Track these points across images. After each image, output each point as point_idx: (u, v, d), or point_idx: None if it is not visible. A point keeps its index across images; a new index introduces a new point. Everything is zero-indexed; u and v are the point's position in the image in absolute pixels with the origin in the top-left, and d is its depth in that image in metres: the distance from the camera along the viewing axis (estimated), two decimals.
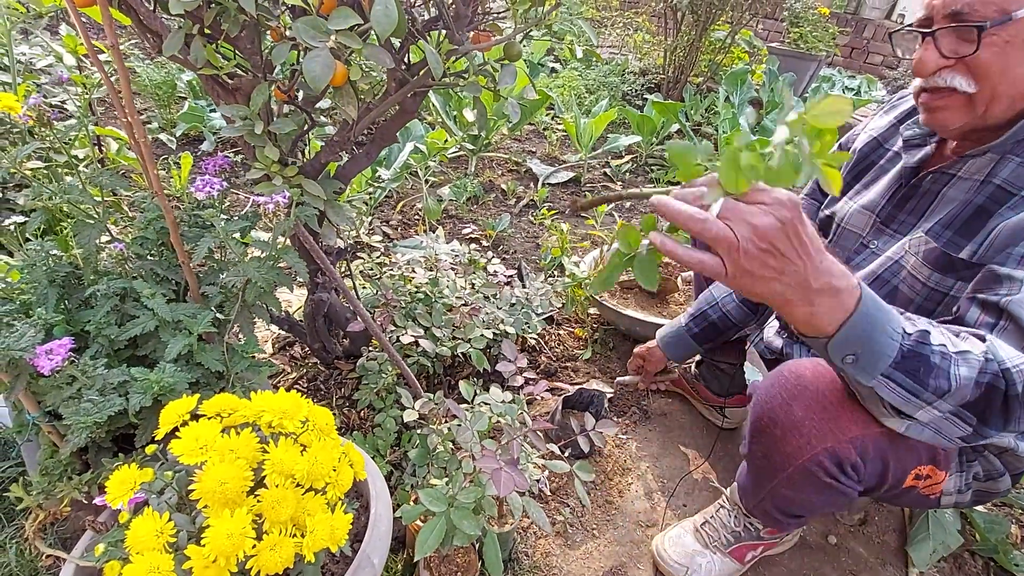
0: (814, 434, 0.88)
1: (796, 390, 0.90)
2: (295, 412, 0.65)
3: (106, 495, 0.61)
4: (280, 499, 0.58)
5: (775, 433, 0.92)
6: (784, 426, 0.90)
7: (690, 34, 3.72)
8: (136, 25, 0.87)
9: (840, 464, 0.88)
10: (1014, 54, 0.78)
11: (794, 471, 0.92)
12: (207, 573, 0.54)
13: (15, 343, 0.69)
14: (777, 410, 0.91)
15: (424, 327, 1.42)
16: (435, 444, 1.01)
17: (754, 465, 1.01)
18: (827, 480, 0.90)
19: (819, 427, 0.87)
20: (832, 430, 0.87)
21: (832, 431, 0.87)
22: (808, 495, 0.95)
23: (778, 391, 0.92)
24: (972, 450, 0.97)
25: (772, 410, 0.92)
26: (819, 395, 0.88)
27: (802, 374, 0.91)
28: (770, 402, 0.93)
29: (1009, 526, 1.37)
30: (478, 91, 0.96)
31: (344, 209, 1.09)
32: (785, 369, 0.94)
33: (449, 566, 1.03)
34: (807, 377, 0.90)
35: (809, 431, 0.88)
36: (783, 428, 0.91)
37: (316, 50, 0.70)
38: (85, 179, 0.93)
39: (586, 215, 2.66)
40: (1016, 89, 0.81)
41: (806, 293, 0.65)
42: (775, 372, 0.95)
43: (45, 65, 2.25)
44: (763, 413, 0.94)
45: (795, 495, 0.97)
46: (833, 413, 0.87)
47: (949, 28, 0.81)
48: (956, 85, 0.84)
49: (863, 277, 1.04)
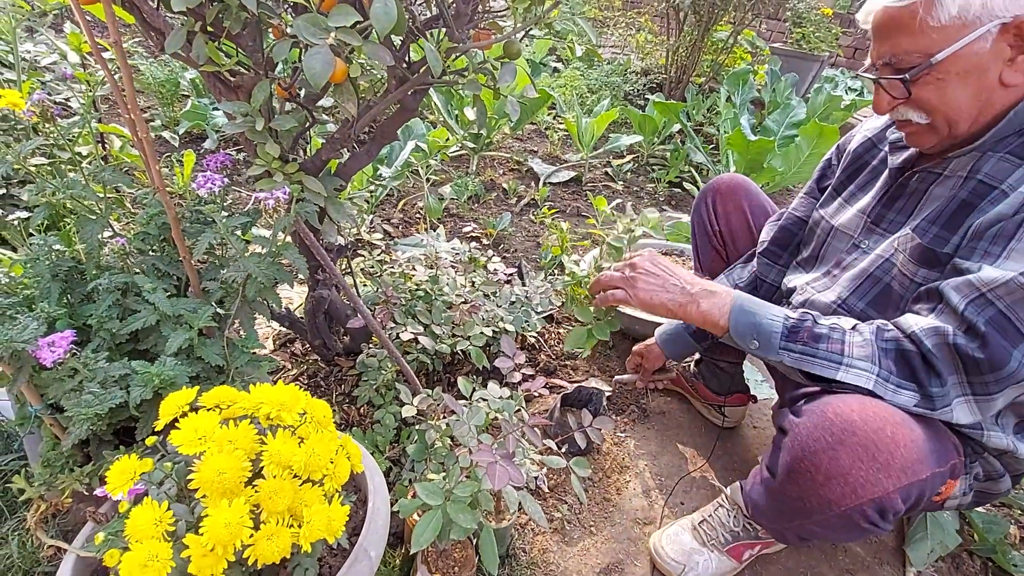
0: (860, 483, 0.83)
1: (843, 435, 0.84)
2: (293, 405, 0.66)
3: (107, 485, 0.62)
4: (277, 490, 0.59)
5: (816, 479, 0.86)
6: (828, 473, 0.85)
7: (692, 34, 3.72)
8: (139, 23, 0.88)
9: (883, 512, 0.85)
10: (950, 87, 0.85)
11: (832, 516, 0.87)
12: (205, 562, 0.55)
13: (18, 335, 0.69)
14: (820, 455, 0.85)
15: (424, 324, 1.43)
16: (433, 440, 1.02)
17: (783, 501, 0.94)
18: (866, 526, 0.86)
19: (866, 476, 0.83)
20: (881, 480, 0.82)
21: (881, 481, 0.82)
22: (838, 534, 0.91)
23: (822, 433, 0.86)
24: (972, 451, 0.97)
25: (815, 454, 0.86)
26: (868, 441, 0.83)
27: (849, 417, 0.85)
28: (813, 445, 0.86)
29: (1008, 526, 1.37)
30: (478, 89, 0.97)
31: (345, 206, 1.10)
32: (830, 409, 0.87)
33: (447, 561, 1.04)
34: (855, 421, 0.84)
35: (855, 480, 0.83)
36: (826, 475, 0.85)
37: (316, 47, 0.71)
38: (88, 175, 0.94)
39: (587, 214, 2.67)
40: (966, 112, 0.87)
41: (690, 296, 1.00)
42: (818, 409, 0.88)
43: (50, 62, 2.26)
44: (804, 456, 0.87)
45: (824, 532, 0.92)
46: (883, 461, 0.82)
47: (887, 76, 0.89)
48: (911, 118, 0.91)
49: (855, 275, 1.05)
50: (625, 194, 2.99)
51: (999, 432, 0.94)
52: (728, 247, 1.45)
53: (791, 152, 2.65)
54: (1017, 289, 0.80)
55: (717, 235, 1.46)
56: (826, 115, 3.11)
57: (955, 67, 0.84)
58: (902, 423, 0.85)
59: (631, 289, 1.05)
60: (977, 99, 0.86)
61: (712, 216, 1.46)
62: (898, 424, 0.84)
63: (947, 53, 0.82)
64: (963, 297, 0.84)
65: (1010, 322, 0.81)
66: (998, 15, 0.79)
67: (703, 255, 1.51)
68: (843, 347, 0.89)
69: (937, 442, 0.89)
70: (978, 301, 0.83)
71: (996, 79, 0.84)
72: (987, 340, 0.81)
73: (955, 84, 0.85)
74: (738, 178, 1.46)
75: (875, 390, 0.88)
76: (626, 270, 1.09)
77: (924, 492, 0.87)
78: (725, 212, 1.44)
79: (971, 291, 0.84)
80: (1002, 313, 0.81)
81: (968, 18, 0.80)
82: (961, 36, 0.81)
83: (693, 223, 1.53)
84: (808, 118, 3.00)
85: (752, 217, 1.42)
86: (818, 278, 1.15)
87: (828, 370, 0.90)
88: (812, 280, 1.16)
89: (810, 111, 3.13)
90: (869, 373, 0.88)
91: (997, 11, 0.79)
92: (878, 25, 0.89)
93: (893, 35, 0.87)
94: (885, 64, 0.90)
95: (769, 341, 0.93)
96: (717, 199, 1.45)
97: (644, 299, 1.04)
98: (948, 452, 0.91)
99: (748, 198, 1.43)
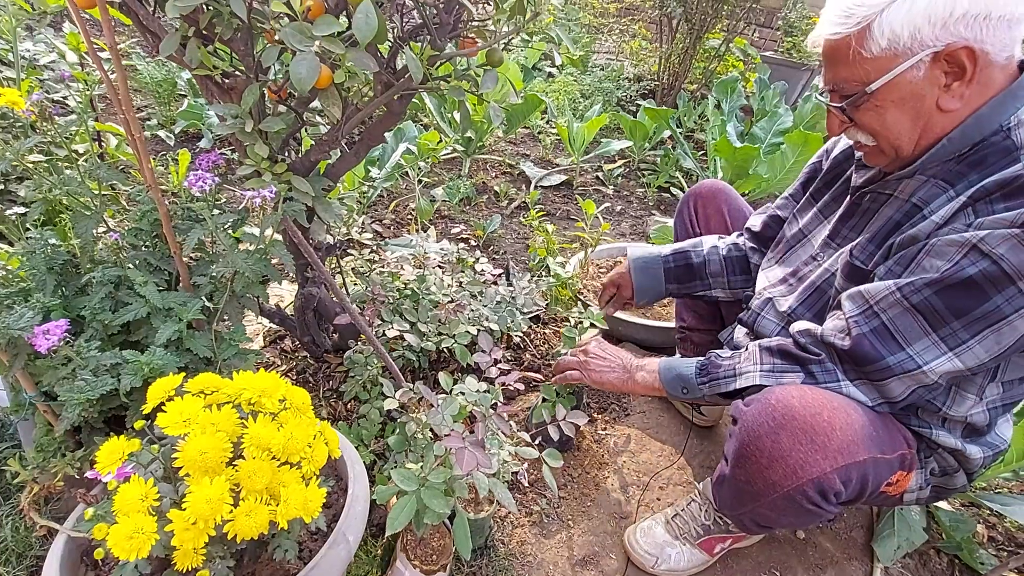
0: (800, 464, 0.89)
1: (784, 419, 0.90)
2: (273, 391, 0.70)
3: (96, 464, 0.66)
4: (256, 470, 0.63)
5: (760, 461, 0.92)
6: (770, 455, 0.91)
7: (685, 42, 3.79)
8: (136, 25, 0.92)
9: (824, 492, 0.90)
10: (889, 113, 0.90)
11: (778, 497, 0.93)
12: (187, 535, 0.59)
13: (15, 323, 0.73)
14: (764, 438, 0.91)
15: (410, 322, 1.47)
16: (413, 431, 1.05)
17: (736, 486, 1.01)
18: (809, 507, 0.92)
19: (805, 458, 0.88)
20: (819, 460, 0.88)
21: (818, 461, 0.88)
22: (788, 517, 0.98)
23: (765, 419, 0.92)
24: (928, 447, 1.02)
25: (759, 438, 0.92)
26: (806, 425, 0.89)
27: (789, 403, 0.91)
28: (756, 430, 0.93)
29: (975, 525, 1.41)
30: (460, 95, 1.01)
31: (333, 206, 1.14)
32: (773, 397, 0.93)
33: (425, 550, 1.07)
34: (795, 406, 0.90)
35: (795, 461, 0.89)
36: (769, 457, 0.91)
37: (302, 54, 0.75)
38: (84, 172, 0.98)
39: (576, 217, 2.71)
40: (907, 136, 0.91)
41: (632, 374, 1.21)
42: (763, 398, 0.95)
43: (48, 62, 2.30)
44: (749, 440, 0.94)
45: (775, 516, 0.99)
46: (820, 443, 0.88)
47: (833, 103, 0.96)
48: (860, 139, 0.97)
49: (806, 287, 1.13)
50: (615, 198, 3.04)
51: (947, 434, 0.99)
52: None
53: (776, 159, 2.70)
54: (896, 304, 0.89)
55: (698, 237, 1.50)
56: (813, 124, 3.17)
57: (891, 95, 0.88)
58: (839, 408, 0.91)
59: (585, 371, 1.27)
60: (916, 124, 0.90)
61: (693, 218, 1.53)
62: (835, 409, 0.91)
63: (882, 82, 0.87)
64: (856, 307, 0.93)
65: (891, 333, 0.90)
66: (928, 45, 0.82)
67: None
68: (735, 365, 1.05)
69: (883, 431, 0.95)
70: (868, 312, 0.92)
71: (933, 105, 0.87)
72: (853, 338, 0.92)
73: (893, 110, 0.89)
74: (719, 184, 1.53)
75: (762, 382, 1.00)
76: (580, 355, 1.30)
77: (866, 476, 0.92)
78: (706, 215, 1.51)
79: (862, 303, 0.93)
80: (885, 325, 0.90)
81: (899, 49, 0.83)
82: (894, 66, 0.85)
83: (676, 226, 1.59)
84: (795, 126, 3.06)
85: (731, 220, 1.49)
86: (778, 284, 1.21)
87: (728, 385, 1.05)
88: (772, 285, 1.22)
89: (797, 119, 3.19)
90: (754, 372, 1.02)
91: (927, 41, 0.82)
92: (823, 54, 0.94)
93: (834, 64, 0.92)
94: (831, 90, 0.95)
95: (690, 382, 1.11)
96: (698, 203, 1.52)
97: (596, 378, 1.24)
98: (896, 442, 0.96)
99: (728, 203, 1.50)
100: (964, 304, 0.83)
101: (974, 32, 0.80)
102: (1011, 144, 0.85)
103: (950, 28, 0.80)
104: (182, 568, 0.62)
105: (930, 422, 0.99)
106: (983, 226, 0.82)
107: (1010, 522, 1.47)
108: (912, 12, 0.80)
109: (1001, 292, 0.81)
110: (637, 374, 1.20)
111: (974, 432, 1.00)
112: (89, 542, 0.84)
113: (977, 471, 1.03)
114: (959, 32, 0.80)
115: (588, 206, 2.21)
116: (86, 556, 0.86)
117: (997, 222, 0.80)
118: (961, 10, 0.79)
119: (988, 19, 0.79)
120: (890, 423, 0.97)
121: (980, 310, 0.83)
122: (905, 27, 0.81)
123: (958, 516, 1.40)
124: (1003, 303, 0.81)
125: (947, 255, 0.84)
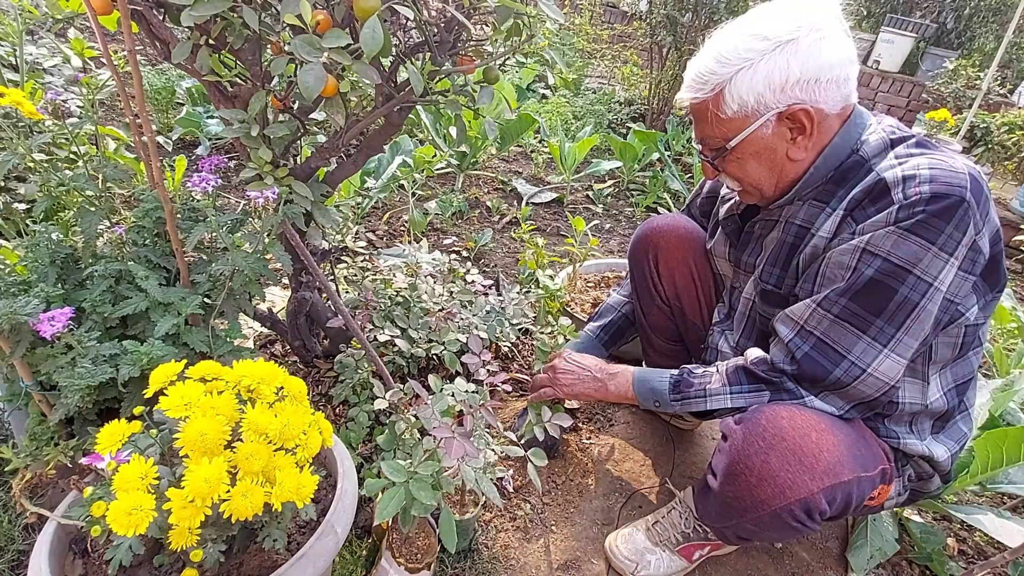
0: (788, 485, 0.91)
1: (774, 440, 0.93)
2: (272, 379, 0.73)
3: (97, 446, 0.68)
4: (253, 452, 0.65)
5: (750, 480, 0.95)
6: (759, 475, 0.93)
7: (674, 69, 3.91)
8: (146, 33, 0.97)
9: (809, 512, 0.92)
10: (748, 164, 1.03)
11: (764, 515, 0.95)
12: (184, 514, 0.61)
13: (20, 308, 0.76)
14: (753, 458, 0.94)
15: (401, 328, 1.50)
16: (402, 430, 1.08)
17: (723, 502, 1.02)
18: (794, 524, 0.94)
19: (794, 478, 0.91)
20: (806, 481, 0.91)
21: (806, 482, 0.91)
22: (772, 533, 1.00)
23: (755, 439, 0.95)
24: (903, 456, 1.07)
25: (748, 457, 0.95)
26: (795, 446, 0.92)
27: (779, 424, 0.94)
28: (746, 449, 0.95)
29: (945, 537, 1.46)
30: (458, 108, 1.06)
31: (330, 211, 1.18)
32: (763, 417, 0.96)
33: (410, 548, 1.09)
34: (785, 427, 0.93)
35: (783, 482, 0.91)
36: (758, 477, 0.93)
37: (311, 64, 0.79)
38: (91, 168, 1.01)
39: (566, 233, 2.77)
40: (766, 181, 1.05)
41: (604, 383, 1.24)
42: (753, 417, 0.98)
43: (50, 65, 2.33)
44: (739, 459, 0.96)
45: (759, 531, 1.01)
46: (808, 464, 0.91)
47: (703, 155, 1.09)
48: (729, 184, 1.12)
49: (739, 317, 1.22)
50: (604, 216, 3.11)
51: (915, 440, 1.04)
52: (673, 305, 1.42)
53: None
54: (822, 318, 0.97)
55: (662, 295, 1.42)
56: None
57: (748, 149, 1.01)
58: (827, 429, 0.95)
59: (556, 385, 1.30)
60: (773, 172, 1.03)
61: (655, 276, 1.41)
62: (823, 430, 0.95)
63: (738, 139, 1.00)
64: (789, 330, 1.02)
65: (829, 346, 0.97)
66: (772, 107, 0.95)
67: (647, 311, 1.47)
68: (705, 387, 1.11)
69: (865, 448, 0.99)
70: (801, 333, 1.00)
71: (784, 155, 1.01)
72: (798, 361, 0.99)
73: (752, 162, 1.03)
74: (679, 227, 1.38)
75: (734, 404, 1.06)
76: (549, 372, 1.33)
77: (851, 494, 0.95)
78: (668, 269, 1.38)
79: (792, 325, 1.02)
80: (821, 340, 0.98)
81: (748, 111, 0.96)
82: (746, 126, 0.98)
83: (632, 269, 1.47)
84: None
85: (696, 268, 1.38)
86: (723, 320, 1.31)
87: (699, 405, 1.10)
88: (719, 322, 1.32)
89: None
90: (724, 395, 1.07)
91: (770, 104, 0.95)
92: (691, 112, 1.06)
93: (700, 123, 1.05)
94: (701, 143, 1.08)
95: (663, 397, 1.15)
96: (660, 258, 1.38)
97: (567, 392, 1.28)
98: (877, 458, 1.01)
99: (692, 251, 1.37)
100: (878, 302, 0.92)
101: (808, 94, 0.93)
102: (862, 158, 0.99)
103: (788, 92, 0.93)
104: (176, 547, 0.64)
105: (897, 430, 1.04)
106: (864, 231, 0.92)
107: (980, 535, 1.51)
108: (755, 80, 0.93)
109: (904, 283, 0.90)
110: (610, 384, 1.23)
111: (940, 419, 1.06)
112: (79, 530, 0.85)
113: (950, 469, 1.08)
114: (796, 95, 0.93)
115: (578, 223, 2.26)
116: (75, 544, 0.88)
117: (875, 224, 0.91)
118: (795, 77, 0.92)
119: (819, 82, 0.93)
120: (870, 438, 1.03)
121: (893, 303, 0.91)
122: (750, 93, 0.94)
123: (929, 528, 1.44)
124: (909, 292, 0.90)
125: (844, 264, 0.94)
